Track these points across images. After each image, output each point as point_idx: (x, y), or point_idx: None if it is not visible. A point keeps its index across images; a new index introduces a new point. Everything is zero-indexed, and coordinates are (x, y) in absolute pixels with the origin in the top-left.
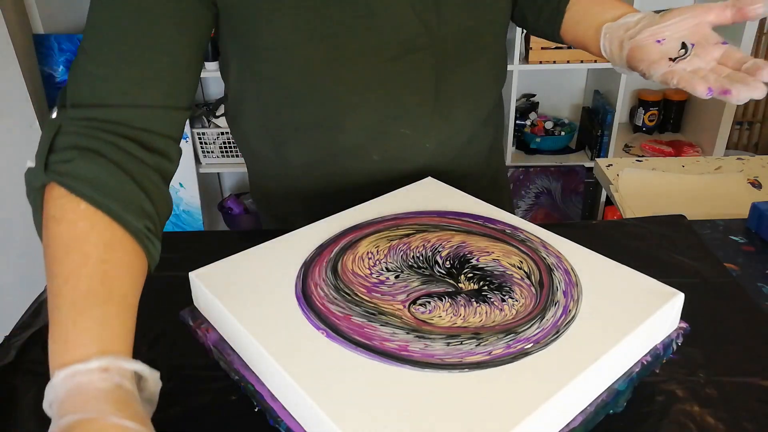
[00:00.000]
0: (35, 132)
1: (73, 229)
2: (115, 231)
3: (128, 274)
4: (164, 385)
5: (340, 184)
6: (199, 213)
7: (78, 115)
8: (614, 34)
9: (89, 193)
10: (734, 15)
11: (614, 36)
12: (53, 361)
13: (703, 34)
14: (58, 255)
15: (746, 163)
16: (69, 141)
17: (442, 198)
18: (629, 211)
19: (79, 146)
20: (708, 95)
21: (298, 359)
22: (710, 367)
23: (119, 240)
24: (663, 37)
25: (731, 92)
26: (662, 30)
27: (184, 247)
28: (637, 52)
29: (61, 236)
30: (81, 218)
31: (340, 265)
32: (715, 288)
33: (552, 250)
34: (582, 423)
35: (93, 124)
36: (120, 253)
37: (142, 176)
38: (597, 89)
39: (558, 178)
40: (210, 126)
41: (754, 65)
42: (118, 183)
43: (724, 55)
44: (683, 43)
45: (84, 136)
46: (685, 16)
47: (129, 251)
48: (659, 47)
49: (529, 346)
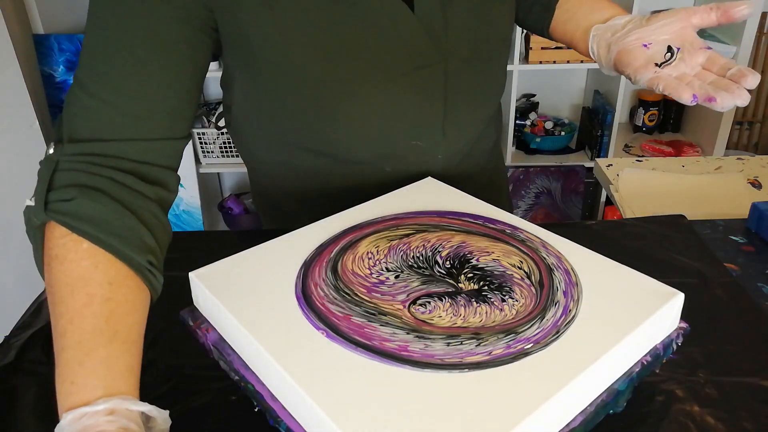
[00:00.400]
0: (35, 132)
1: (77, 268)
2: (119, 269)
3: (133, 310)
4: (164, 385)
5: (352, 192)
6: (199, 213)
7: (75, 150)
8: (602, 36)
9: (91, 231)
10: (719, 17)
11: (602, 38)
12: (61, 402)
13: (689, 38)
14: (63, 295)
15: (746, 163)
16: (67, 178)
17: (442, 198)
18: (629, 211)
19: (78, 184)
20: (693, 102)
21: (298, 359)
22: (710, 367)
23: (123, 277)
24: (649, 41)
25: (716, 100)
26: (649, 34)
27: (184, 247)
28: (624, 56)
29: (65, 276)
30: (84, 257)
31: (340, 265)
32: (715, 288)
33: (552, 250)
34: (582, 423)
35: (90, 160)
36: (124, 290)
37: (142, 210)
38: (597, 89)
39: (558, 178)
40: (210, 126)
41: (738, 72)
42: (118, 219)
43: (709, 60)
44: (669, 47)
45: (82, 172)
46: (670, 20)
47: (133, 288)
48: (646, 52)
49: (529, 346)
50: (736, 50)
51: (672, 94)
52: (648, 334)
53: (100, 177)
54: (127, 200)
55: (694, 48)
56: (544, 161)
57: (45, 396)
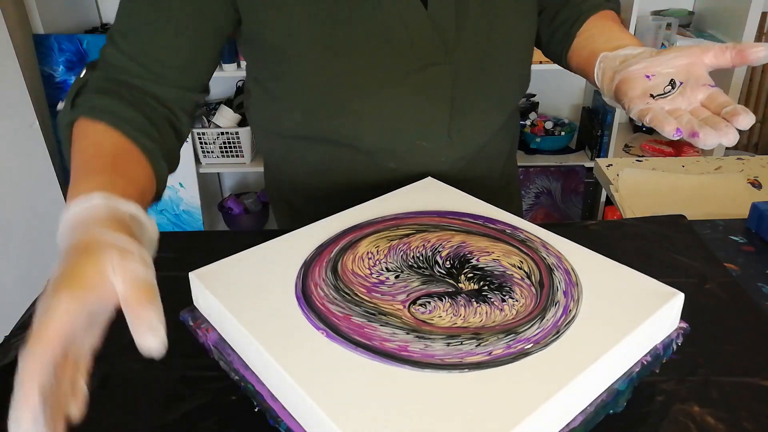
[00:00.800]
0: (35, 132)
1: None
2: (129, 145)
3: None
4: (164, 386)
5: (355, 186)
6: (199, 213)
7: (102, 75)
8: (609, 64)
9: (109, 118)
10: (734, 58)
11: (608, 66)
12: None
13: (695, 74)
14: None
15: (746, 163)
16: (93, 86)
17: (442, 198)
18: (629, 211)
19: (102, 89)
20: (676, 136)
21: (298, 359)
22: (710, 367)
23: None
24: (653, 72)
25: (699, 135)
26: (655, 65)
27: (184, 247)
28: (624, 85)
29: (82, 145)
30: (101, 133)
31: (340, 265)
32: (715, 288)
33: (552, 250)
34: (582, 423)
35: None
36: (133, 156)
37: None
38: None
39: (558, 178)
40: (210, 126)
41: (733, 110)
42: (134, 116)
43: (708, 98)
44: (672, 80)
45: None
46: (681, 54)
47: (141, 161)
48: (646, 83)
49: (530, 347)
50: None
51: (656, 127)
52: (648, 334)
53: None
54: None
55: (698, 84)
56: (544, 161)
57: None
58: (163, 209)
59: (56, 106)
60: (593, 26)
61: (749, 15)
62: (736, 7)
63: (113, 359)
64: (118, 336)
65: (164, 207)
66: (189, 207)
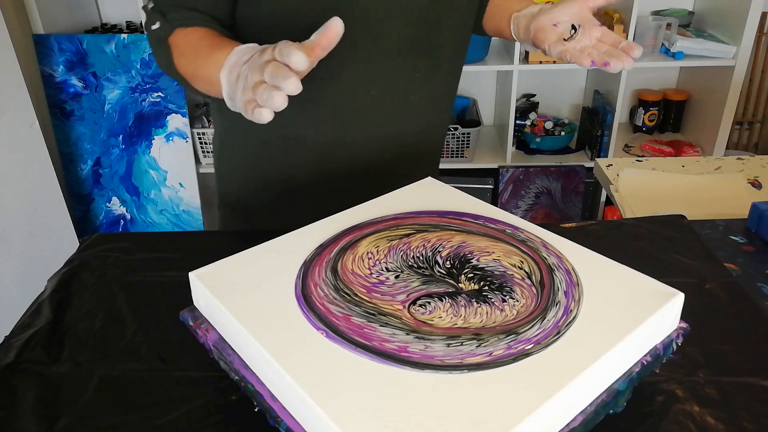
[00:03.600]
0: (35, 132)
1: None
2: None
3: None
4: (164, 386)
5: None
6: (199, 213)
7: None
8: (521, 21)
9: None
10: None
11: (521, 23)
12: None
13: (587, 18)
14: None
15: (746, 163)
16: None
17: (442, 198)
18: (629, 211)
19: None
20: (591, 66)
21: (298, 359)
22: (710, 367)
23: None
24: (558, 21)
25: (610, 64)
26: (557, 16)
27: (184, 247)
28: (540, 34)
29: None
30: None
31: (340, 265)
32: (715, 288)
33: (552, 250)
34: (582, 423)
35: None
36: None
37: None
38: (597, 89)
39: (558, 178)
40: (210, 126)
41: (627, 45)
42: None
43: (603, 35)
44: (573, 25)
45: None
46: (572, 3)
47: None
48: (556, 30)
49: (530, 347)
50: (736, 50)
51: (576, 62)
52: (648, 334)
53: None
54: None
55: (591, 25)
56: (544, 161)
57: (45, 396)
58: (163, 209)
59: (56, 106)
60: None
61: (749, 15)
62: (736, 7)
63: (113, 359)
64: (118, 336)
65: (164, 207)
66: (189, 207)
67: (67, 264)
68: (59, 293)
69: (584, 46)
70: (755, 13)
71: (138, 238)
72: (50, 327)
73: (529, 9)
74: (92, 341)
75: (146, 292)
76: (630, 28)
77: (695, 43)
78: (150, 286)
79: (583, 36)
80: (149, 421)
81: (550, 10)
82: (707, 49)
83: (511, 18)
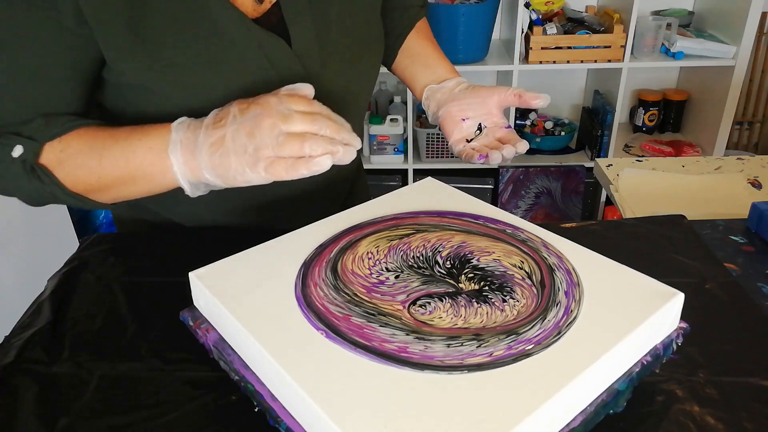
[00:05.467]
0: None
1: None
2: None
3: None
4: (164, 386)
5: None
6: None
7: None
8: (433, 96)
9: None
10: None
11: (433, 98)
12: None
13: (495, 119)
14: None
15: (746, 163)
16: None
17: (442, 198)
18: (629, 211)
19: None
20: (480, 160)
21: (298, 359)
22: (710, 367)
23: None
24: (467, 117)
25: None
26: (466, 112)
27: (184, 247)
28: (448, 123)
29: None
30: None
31: (340, 265)
32: (715, 288)
33: (553, 250)
34: (582, 423)
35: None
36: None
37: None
38: (597, 89)
39: (558, 178)
40: None
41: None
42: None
43: (506, 134)
44: (479, 124)
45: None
46: (483, 98)
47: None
48: (462, 126)
49: (531, 347)
50: (736, 50)
51: (470, 161)
52: (648, 334)
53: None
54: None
55: (497, 126)
56: (544, 161)
57: (45, 396)
58: None
59: None
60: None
61: (749, 15)
62: (736, 7)
63: (113, 359)
64: (118, 336)
65: None
66: None
67: (67, 264)
68: (59, 293)
69: (483, 144)
70: (755, 13)
71: (138, 238)
72: (50, 327)
73: (446, 84)
74: (92, 341)
75: (146, 292)
76: (630, 28)
77: (695, 43)
78: (150, 286)
79: (485, 137)
80: (149, 421)
81: (462, 100)
82: (707, 49)
83: (425, 90)
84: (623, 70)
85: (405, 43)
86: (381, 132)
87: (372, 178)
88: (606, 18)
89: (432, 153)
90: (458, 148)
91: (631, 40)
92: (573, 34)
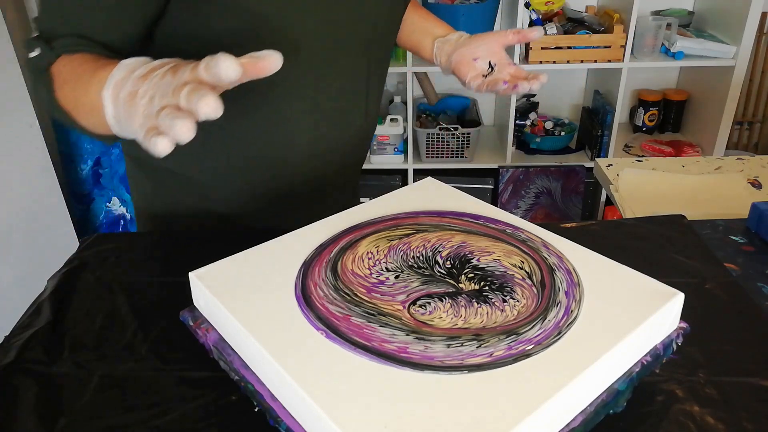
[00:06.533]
0: (35, 132)
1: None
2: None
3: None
4: (164, 386)
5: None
6: None
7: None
8: (444, 48)
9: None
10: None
11: (443, 50)
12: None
13: (501, 56)
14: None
15: (746, 163)
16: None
17: (442, 198)
18: (629, 211)
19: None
20: (504, 86)
21: (298, 359)
22: (710, 367)
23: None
24: (477, 56)
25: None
26: (476, 50)
27: (185, 247)
28: (462, 67)
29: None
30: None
31: (340, 265)
32: (715, 288)
33: (553, 250)
34: (582, 423)
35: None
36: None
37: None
38: (597, 89)
39: (558, 178)
40: None
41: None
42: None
43: (515, 71)
44: (489, 62)
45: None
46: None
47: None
48: (475, 65)
49: (531, 348)
50: (736, 50)
51: (492, 90)
52: (648, 334)
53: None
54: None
55: (505, 64)
56: (544, 161)
57: (45, 396)
58: None
59: None
60: (414, 13)
61: (749, 15)
62: (736, 7)
63: (113, 359)
64: (118, 336)
65: None
66: None
67: (67, 264)
68: (59, 293)
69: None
70: (755, 13)
71: (138, 238)
72: (50, 327)
73: (451, 36)
74: (92, 341)
75: (146, 292)
76: (630, 28)
77: (695, 43)
78: (150, 286)
79: (498, 72)
80: (149, 421)
81: (470, 44)
82: (707, 49)
83: (435, 42)
84: (623, 70)
85: (405, 14)
86: (381, 132)
87: (372, 178)
88: (606, 18)
89: (432, 153)
90: (476, 83)
91: (631, 40)
92: (573, 34)
